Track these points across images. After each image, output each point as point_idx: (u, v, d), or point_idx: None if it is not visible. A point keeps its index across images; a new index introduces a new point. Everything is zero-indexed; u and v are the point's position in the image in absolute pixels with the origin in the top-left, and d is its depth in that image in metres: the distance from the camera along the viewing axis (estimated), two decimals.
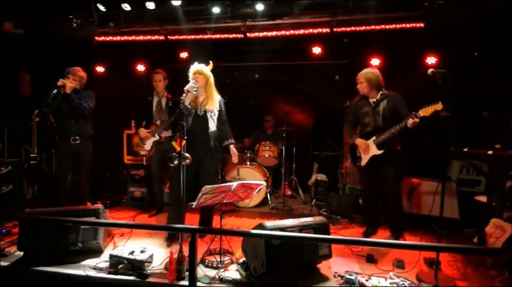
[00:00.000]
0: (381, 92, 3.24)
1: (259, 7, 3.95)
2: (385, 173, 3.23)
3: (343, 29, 4.08)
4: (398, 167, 3.27)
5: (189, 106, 3.08)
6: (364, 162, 3.33)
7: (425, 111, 2.85)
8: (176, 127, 2.90)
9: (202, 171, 3.18)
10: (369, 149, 3.28)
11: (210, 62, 3.16)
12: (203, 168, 3.17)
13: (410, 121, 2.93)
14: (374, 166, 3.28)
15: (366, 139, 3.31)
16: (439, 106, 2.73)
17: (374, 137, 3.25)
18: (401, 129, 3.04)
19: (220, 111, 3.25)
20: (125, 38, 4.54)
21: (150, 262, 2.61)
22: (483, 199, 3.51)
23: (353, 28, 4.07)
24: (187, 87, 2.94)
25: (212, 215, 3.34)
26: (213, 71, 3.17)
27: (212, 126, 3.19)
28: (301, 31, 4.20)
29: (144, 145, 3.95)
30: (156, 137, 3.91)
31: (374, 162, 3.27)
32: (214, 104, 3.17)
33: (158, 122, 3.93)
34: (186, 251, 2.23)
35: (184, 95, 2.92)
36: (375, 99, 3.27)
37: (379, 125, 3.24)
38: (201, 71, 3.11)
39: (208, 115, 3.17)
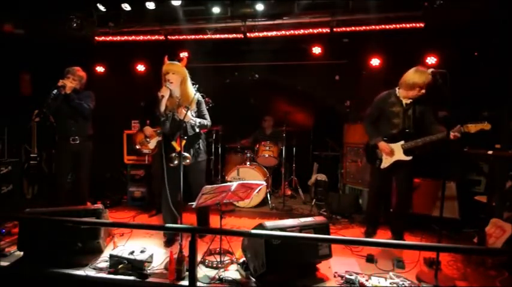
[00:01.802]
0: None
1: (259, 7, 3.95)
2: (402, 174, 3.13)
3: (343, 29, 4.08)
4: (413, 169, 3.16)
5: (166, 111, 2.85)
6: (385, 165, 3.15)
7: (470, 128, 2.72)
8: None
9: (189, 176, 3.03)
10: (394, 154, 3.09)
11: (183, 56, 2.88)
12: (189, 172, 3.01)
13: (452, 136, 2.74)
14: (392, 166, 3.14)
15: (390, 142, 3.11)
16: (486, 126, 2.67)
17: (402, 142, 3.05)
18: (439, 140, 2.86)
19: (198, 112, 3.00)
20: (125, 38, 4.54)
21: (150, 262, 2.62)
22: (483, 199, 3.51)
23: (353, 28, 4.07)
24: (161, 92, 2.71)
25: (209, 214, 3.34)
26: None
27: (190, 131, 2.92)
28: (301, 31, 4.20)
29: (149, 144, 3.94)
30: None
31: (393, 163, 3.12)
32: (191, 105, 2.83)
33: None
34: (186, 251, 2.23)
35: (160, 99, 2.71)
36: (408, 101, 3.04)
37: (408, 129, 3.05)
38: (174, 69, 2.80)
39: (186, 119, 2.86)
